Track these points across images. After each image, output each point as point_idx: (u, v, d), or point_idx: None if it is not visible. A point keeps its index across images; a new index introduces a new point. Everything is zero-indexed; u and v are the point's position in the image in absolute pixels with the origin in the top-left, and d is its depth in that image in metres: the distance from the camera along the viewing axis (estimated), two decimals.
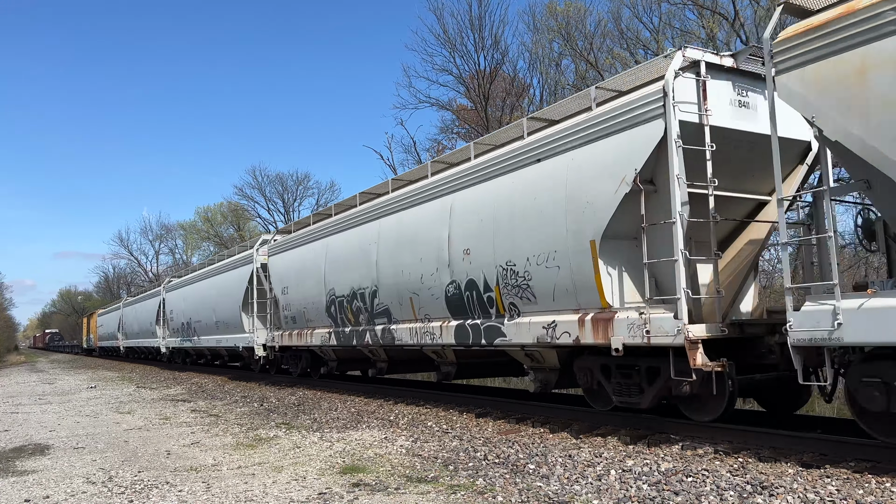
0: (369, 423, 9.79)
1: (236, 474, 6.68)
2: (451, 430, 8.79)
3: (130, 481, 6.52)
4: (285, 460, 7.30)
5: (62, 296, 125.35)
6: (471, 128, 29.66)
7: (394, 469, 6.60)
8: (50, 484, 6.58)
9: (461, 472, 6.31)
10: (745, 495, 5.12)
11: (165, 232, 71.73)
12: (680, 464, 6.24)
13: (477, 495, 5.45)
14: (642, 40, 23.63)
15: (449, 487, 5.76)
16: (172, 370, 27.34)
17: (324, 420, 10.37)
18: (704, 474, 5.75)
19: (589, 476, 5.95)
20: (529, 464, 6.52)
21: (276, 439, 8.73)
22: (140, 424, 10.78)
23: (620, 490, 5.46)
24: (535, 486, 5.67)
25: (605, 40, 24.76)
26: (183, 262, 66.59)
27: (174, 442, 8.87)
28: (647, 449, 7.08)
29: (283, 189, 53.18)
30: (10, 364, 48.82)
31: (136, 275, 78.52)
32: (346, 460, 7.14)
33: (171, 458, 7.68)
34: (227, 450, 8.12)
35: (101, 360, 46.42)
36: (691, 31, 21.63)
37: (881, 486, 5.22)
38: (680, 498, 5.16)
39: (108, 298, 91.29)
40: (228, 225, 58.14)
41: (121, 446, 8.71)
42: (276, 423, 10.15)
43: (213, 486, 6.19)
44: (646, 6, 23.00)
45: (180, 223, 72.32)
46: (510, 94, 28.83)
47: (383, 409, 11.40)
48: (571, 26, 25.25)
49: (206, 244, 62.17)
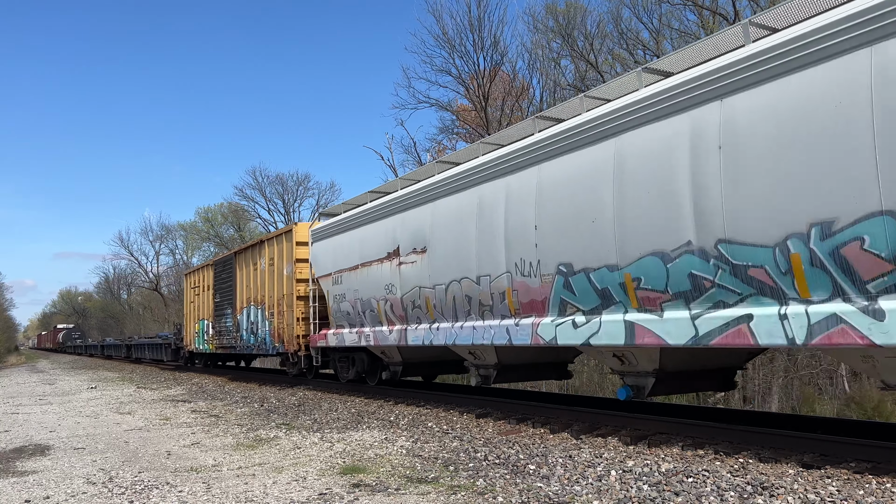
0: (370, 424, 9.79)
1: (237, 475, 6.68)
2: (451, 431, 8.79)
3: (131, 482, 6.52)
4: (286, 461, 7.29)
5: (62, 296, 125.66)
6: (471, 128, 29.68)
7: (394, 469, 6.60)
8: (50, 484, 6.58)
9: (461, 473, 6.31)
10: (745, 496, 5.12)
11: (166, 232, 71.75)
12: (680, 464, 6.24)
13: (477, 496, 5.45)
14: (642, 41, 23.66)
15: (449, 488, 5.76)
16: (173, 370, 27.38)
17: (324, 420, 10.37)
18: (705, 475, 5.75)
19: (589, 476, 5.95)
20: (530, 464, 6.52)
21: (276, 440, 8.73)
22: (140, 425, 10.78)
23: (621, 490, 5.46)
24: (535, 487, 5.67)
25: (605, 41, 24.79)
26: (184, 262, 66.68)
27: (174, 442, 8.87)
28: (648, 449, 7.08)
29: (284, 189, 53.25)
30: (11, 365, 48.86)
31: (136, 275, 78.56)
32: (347, 461, 7.14)
33: (172, 459, 7.68)
34: (227, 450, 8.12)
35: (102, 360, 46.34)
36: (691, 32, 21.63)
37: (881, 486, 5.22)
38: (680, 498, 5.16)
39: (108, 299, 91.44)
40: (229, 226, 58.16)
41: (121, 447, 8.71)
42: (276, 424, 10.15)
43: (214, 486, 6.19)
44: (645, 6, 23.03)
45: (181, 224, 72.34)
46: (510, 95, 28.84)
47: (383, 409, 11.40)
48: (571, 26, 25.27)
49: (206, 245, 62.27)
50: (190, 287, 26.47)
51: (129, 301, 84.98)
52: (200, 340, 24.17)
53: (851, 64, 5.44)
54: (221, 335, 21.55)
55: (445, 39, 28.95)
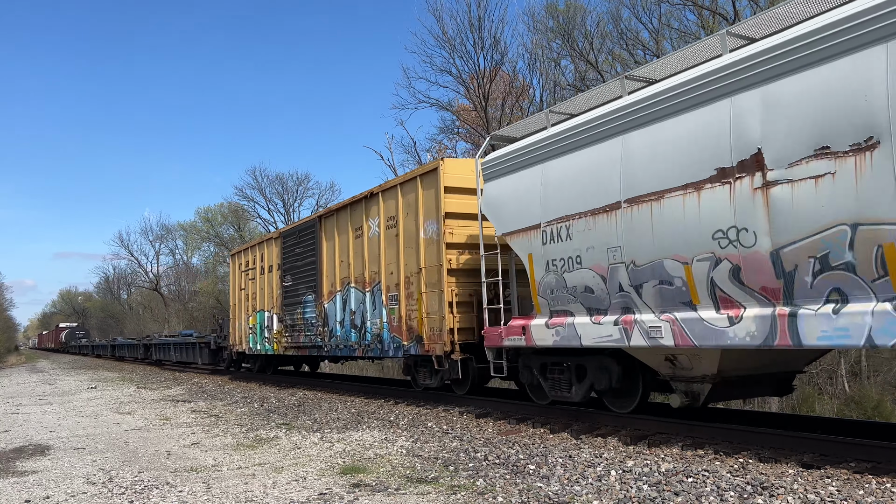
0: (370, 424, 9.79)
1: (236, 475, 6.68)
2: (451, 431, 8.78)
3: (131, 482, 6.52)
4: (286, 461, 7.29)
5: (62, 296, 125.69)
6: (471, 128, 29.69)
7: (394, 469, 6.60)
8: (50, 484, 6.58)
9: (461, 473, 6.31)
10: (745, 496, 5.12)
11: (166, 232, 71.80)
12: (680, 464, 6.24)
13: (477, 496, 5.45)
14: (641, 41, 23.66)
15: (449, 488, 5.76)
16: (173, 370, 27.29)
17: (324, 420, 10.37)
18: (705, 475, 5.75)
19: (589, 476, 5.95)
20: (530, 464, 6.52)
21: (276, 440, 8.73)
22: (140, 425, 10.78)
23: (621, 490, 5.46)
24: (535, 487, 5.67)
25: (605, 41, 24.79)
26: (184, 262, 66.79)
27: (174, 442, 8.87)
28: (648, 449, 7.08)
29: (284, 189, 53.22)
30: (10, 365, 48.84)
31: (136, 275, 78.56)
32: (347, 461, 7.14)
33: (172, 459, 7.68)
34: (227, 450, 8.12)
35: (102, 360, 46.24)
36: (691, 32, 21.64)
37: (881, 486, 5.22)
38: (680, 498, 5.16)
39: (108, 299, 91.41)
40: (228, 226, 58.16)
41: (121, 447, 8.71)
42: (276, 424, 10.15)
43: (214, 486, 6.19)
44: (645, 6, 23.03)
45: (180, 224, 72.37)
46: (510, 95, 28.84)
47: (383, 409, 11.40)
48: (571, 26, 25.27)
49: (206, 245, 62.30)
50: (239, 270, 20.39)
51: (129, 301, 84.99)
52: (258, 338, 18.52)
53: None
54: (295, 331, 16.09)
55: (445, 39, 28.97)
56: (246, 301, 19.59)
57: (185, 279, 67.79)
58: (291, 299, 16.28)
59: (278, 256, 17.14)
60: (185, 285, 67.21)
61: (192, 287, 65.14)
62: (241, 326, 20.06)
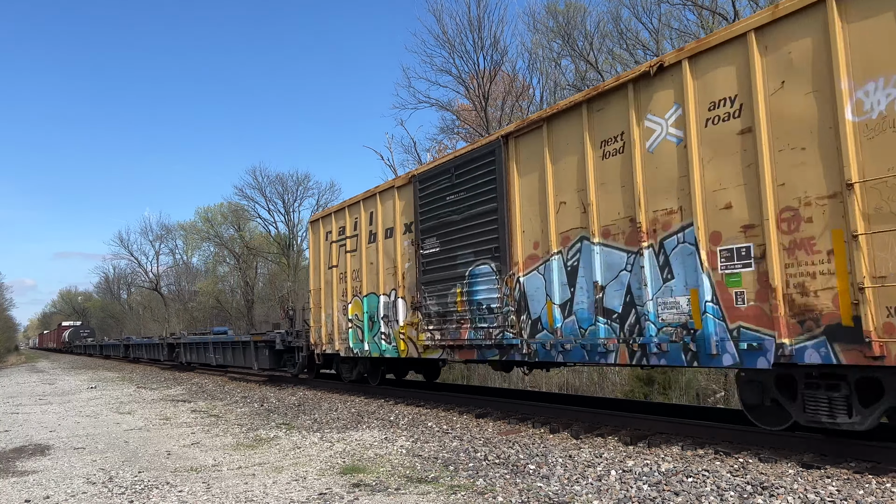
0: (369, 424, 9.79)
1: (236, 475, 6.68)
2: (451, 431, 8.78)
3: (131, 482, 6.52)
4: (285, 461, 7.30)
5: (62, 296, 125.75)
6: (471, 128, 29.69)
7: (394, 469, 6.60)
8: (50, 484, 6.58)
9: (461, 473, 6.31)
10: (745, 496, 5.12)
11: (165, 232, 71.73)
12: (680, 464, 6.24)
13: (477, 496, 5.45)
14: (641, 41, 23.66)
15: (449, 488, 5.76)
16: (173, 370, 27.30)
17: (324, 420, 10.37)
18: (705, 475, 5.75)
19: (589, 476, 5.95)
20: (530, 464, 6.52)
21: (276, 440, 8.73)
22: (140, 425, 10.78)
23: (621, 490, 5.46)
24: (535, 487, 5.67)
25: (605, 41, 24.80)
26: (184, 262, 66.77)
27: (174, 442, 8.87)
28: (648, 449, 7.08)
29: (284, 189, 53.15)
30: (10, 364, 48.85)
31: (136, 275, 78.54)
32: (347, 461, 7.14)
33: (172, 459, 7.68)
34: (227, 450, 8.12)
35: (102, 360, 46.27)
36: (690, 32, 21.64)
37: (881, 486, 5.22)
38: (680, 498, 5.16)
39: (108, 299, 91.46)
40: (229, 225, 58.16)
41: (121, 447, 8.71)
42: (276, 424, 10.14)
43: (214, 486, 6.19)
44: (645, 6, 23.03)
45: (180, 223, 72.39)
46: (510, 95, 28.85)
47: (383, 409, 11.39)
48: (571, 26, 25.28)
49: (206, 245, 62.30)
50: (326, 241, 14.80)
51: (129, 301, 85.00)
52: (364, 335, 12.99)
53: None
54: (447, 321, 10.59)
55: (445, 39, 28.94)
56: (340, 283, 13.99)
57: (185, 279, 67.81)
58: (440, 273, 10.79)
59: (409, 212, 11.70)
60: (185, 285, 67.22)
61: (192, 287, 65.16)
62: (329, 319, 14.56)
